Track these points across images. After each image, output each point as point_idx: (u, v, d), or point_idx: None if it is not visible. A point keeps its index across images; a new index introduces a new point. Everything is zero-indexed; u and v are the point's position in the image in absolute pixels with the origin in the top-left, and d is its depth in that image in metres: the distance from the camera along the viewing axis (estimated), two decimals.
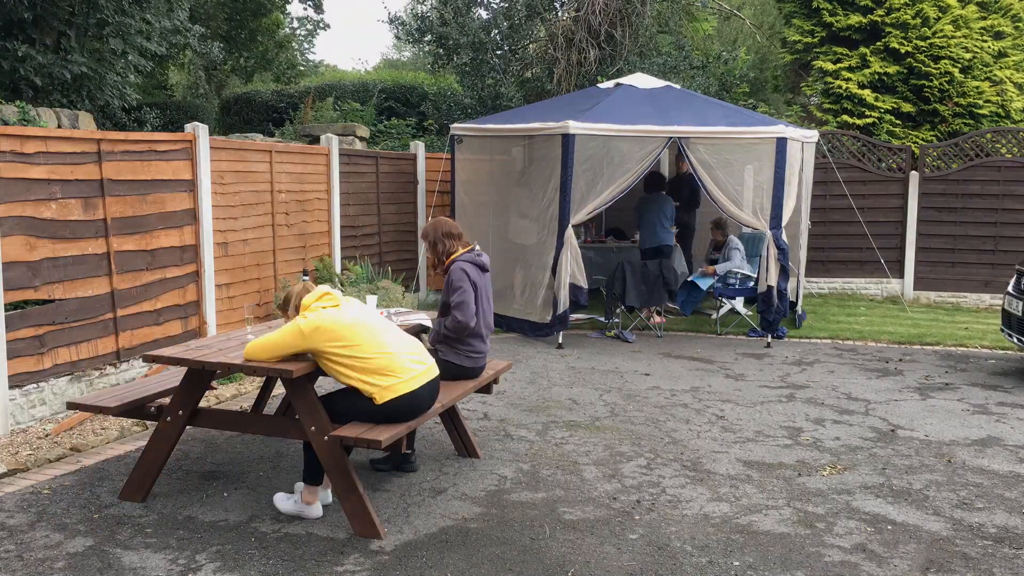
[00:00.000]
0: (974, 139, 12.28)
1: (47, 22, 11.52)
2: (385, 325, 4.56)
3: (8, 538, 4.27)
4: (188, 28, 14.51)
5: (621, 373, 7.91)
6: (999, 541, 4.43)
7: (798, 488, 5.11)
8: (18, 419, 5.91)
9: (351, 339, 4.31)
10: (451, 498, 4.86)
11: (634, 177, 8.96)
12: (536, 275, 9.38)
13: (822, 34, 14.63)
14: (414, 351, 4.57)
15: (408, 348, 4.55)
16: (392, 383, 4.36)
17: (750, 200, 9.31)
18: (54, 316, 6.17)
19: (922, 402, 7.09)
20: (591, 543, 4.31)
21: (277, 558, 4.09)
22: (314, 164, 9.43)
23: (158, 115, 15.98)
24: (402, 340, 4.57)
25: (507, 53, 14.57)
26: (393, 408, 4.38)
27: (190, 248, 7.51)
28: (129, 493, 4.74)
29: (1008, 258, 11.50)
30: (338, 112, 16.51)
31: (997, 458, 5.72)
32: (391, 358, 4.40)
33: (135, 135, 7.06)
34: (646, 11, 13.70)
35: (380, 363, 4.35)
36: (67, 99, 12.06)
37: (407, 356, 4.49)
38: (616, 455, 5.63)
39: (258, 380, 6.93)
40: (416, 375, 4.46)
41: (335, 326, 4.30)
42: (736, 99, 14.68)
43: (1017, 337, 7.85)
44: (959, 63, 13.71)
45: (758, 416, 6.60)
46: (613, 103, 9.49)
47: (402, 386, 4.39)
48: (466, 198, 10.33)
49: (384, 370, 4.35)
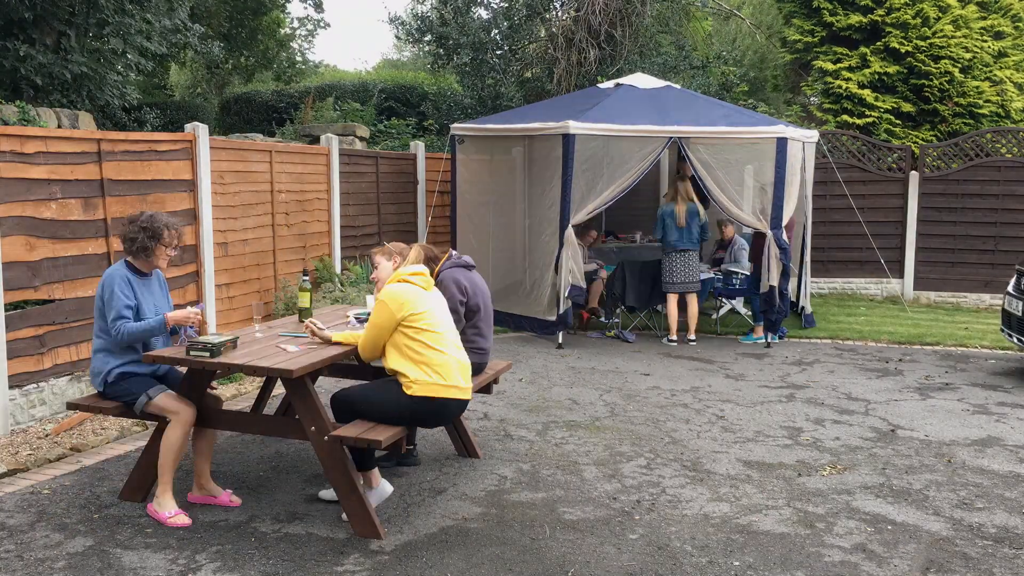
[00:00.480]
0: (974, 139, 12.28)
1: (47, 22, 11.52)
2: (453, 330, 4.65)
3: (8, 538, 4.27)
4: (188, 27, 14.49)
5: (621, 373, 7.91)
6: (999, 541, 4.43)
7: (798, 488, 5.11)
8: (18, 419, 5.91)
9: (421, 323, 4.39)
10: (451, 498, 4.86)
11: (634, 177, 8.96)
12: (539, 274, 9.39)
13: (822, 34, 14.62)
14: (464, 364, 4.60)
15: (463, 360, 4.60)
16: (435, 382, 4.39)
17: (750, 200, 9.31)
18: (54, 316, 6.17)
19: (922, 402, 7.09)
20: (591, 543, 4.31)
21: (277, 558, 4.09)
22: (314, 164, 9.43)
23: (158, 115, 15.98)
24: (460, 351, 4.62)
25: (507, 53, 14.58)
26: (421, 405, 4.40)
27: (190, 248, 7.51)
28: (129, 493, 4.74)
29: (1008, 258, 11.50)
30: (338, 112, 16.50)
31: (997, 458, 5.72)
32: (447, 360, 4.44)
33: (135, 135, 7.06)
34: (646, 11, 13.70)
35: (436, 359, 4.40)
36: (67, 99, 12.05)
37: (459, 368, 4.53)
38: (616, 455, 5.63)
39: (258, 380, 6.93)
40: (458, 388, 4.49)
41: (417, 299, 4.41)
42: (736, 99, 14.68)
43: (1017, 337, 7.85)
44: (959, 63, 13.70)
45: (758, 416, 6.60)
46: (613, 103, 9.49)
47: (442, 390, 4.41)
48: (466, 198, 10.33)
49: (436, 368, 4.39)
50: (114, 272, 4.59)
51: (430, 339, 4.41)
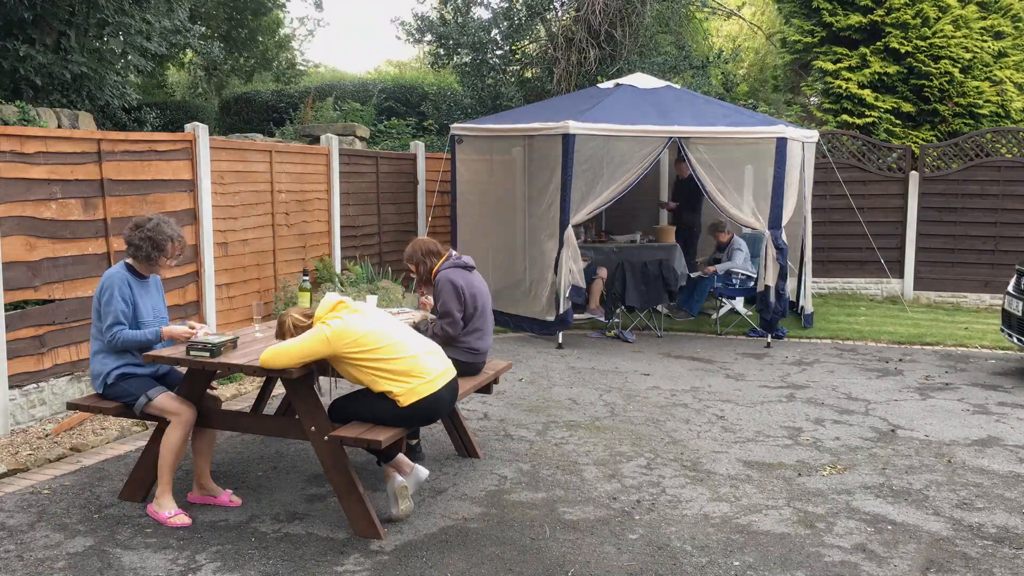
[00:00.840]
0: (974, 139, 12.28)
1: (47, 22, 11.52)
2: (402, 327, 4.56)
3: (8, 538, 4.27)
4: (188, 28, 14.50)
5: (621, 373, 7.91)
6: (999, 541, 4.43)
7: (798, 488, 5.11)
8: (18, 419, 5.91)
9: (375, 342, 4.30)
10: (451, 498, 4.86)
11: (634, 177, 8.96)
12: (539, 274, 9.39)
13: (822, 34, 14.62)
14: (432, 351, 4.57)
15: (428, 348, 4.55)
16: (416, 384, 4.35)
17: (750, 200, 9.31)
18: (54, 316, 6.17)
19: (922, 402, 7.09)
20: (591, 543, 4.31)
21: (277, 558, 4.09)
22: (314, 164, 9.43)
23: (158, 115, 15.97)
24: (421, 341, 4.57)
25: (507, 53, 14.58)
26: (417, 409, 4.38)
27: (190, 248, 7.50)
28: (129, 493, 4.74)
29: (1008, 258, 11.50)
30: (338, 112, 16.50)
31: (997, 458, 5.72)
32: (414, 360, 4.39)
33: (135, 135, 7.06)
34: (646, 11, 13.71)
35: (404, 365, 4.35)
36: (67, 99, 12.05)
37: (427, 356, 4.48)
38: (616, 455, 5.63)
39: (258, 380, 6.94)
40: (437, 375, 4.46)
41: (359, 330, 4.28)
42: (736, 99, 14.69)
43: (1017, 337, 7.85)
44: (959, 63, 13.70)
45: (758, 416, 6.60)
46: (613, 103, 9.49)
47: (425, 387, 4.38)
48: (466, 198, 10.33)
49: (408, 372, 4.35)
50: (113, 275, 4.59)
51: (387, 352, 4.31)
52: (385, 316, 4.54)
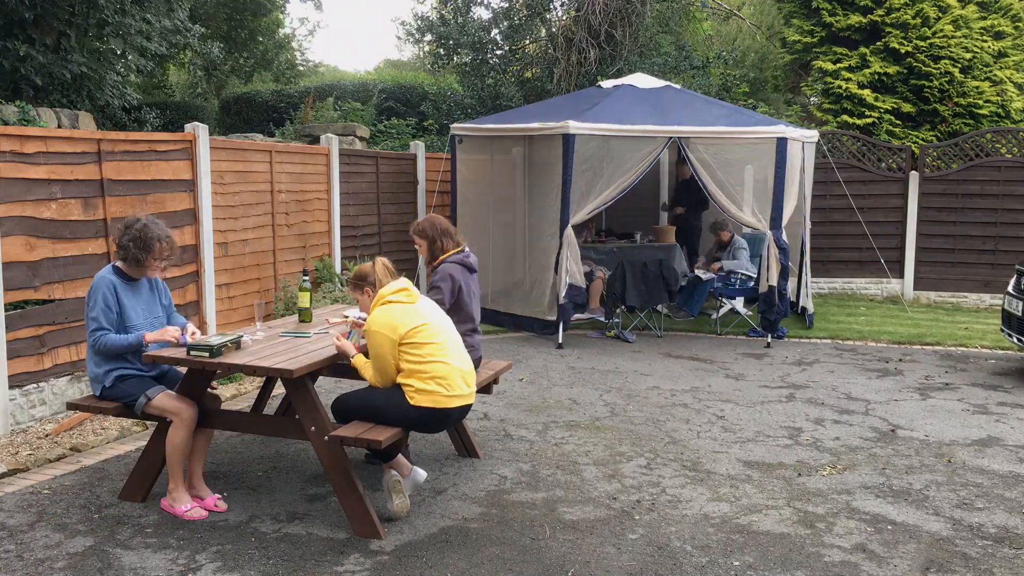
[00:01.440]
0: (974, 139, 12.28)
1: (47, 22, 11.52)
2: (454, 334, 4.56)
3: (8, 538, 4.27)
4: (188, 28, 14.51)
5: (621, 373, 7.91)
6: (999, 541, 4.43)
7: (798, 488, 5.11)
8: (18, 419, 5.91)
9: (420, 337, 4.32)
10: (451, 498, 4.86)
11: (634, 177, 8.96)
12: (539, 274, 9.38)
13: (822, 34, 14.63)
14: (467, 370, 4.53)
15: (466, 366, 4.53)
16: (439, 392, 4.34)
17: (750, 200, 9.31)
18: (54, 316, 6.17)
19: (922, 402, 7.09)
20: (591, 543, 4.31)
21: (277, 558, 4.09)
22: (314, 164, 9.43)
23: (158, 115, 15.98)
24: (463, 356, 4.55)
25: (507, 53, 14.58)
26: (422, 414, 4.36)
27: (190, 248, 7.51)
28: (129, 493, 4.74)
29: (1008, 258, 11.50)
30: (338, 112, 16.50)
31: (997, 458, 5.72)
32: (449, 371, 4.38)
33: (135, 135, 7.06)
34: (646, 11, 13.72)
35: (437, 370, 4.34)
36: (67, 99, 12.06)
37: (462, 375, 4.46)
38: (616, 455, 5.63)
39: (258, 380, 6.93)
40: (461, 396, 4.45)
41: (406, 317, 4.32)
42: (736, 99, 14.68)
43: (1017, 337, 7.85)
44: (959, 63, 13.71)
45: (758, 416, 6.60)
46: (613, 103, 9.49)
47: (445, 400, 4.37)
48: (466, 198, 10.33)
49: (438, 379, 4.34)
50: (100, 280, 4.57)
51: (431, 351, 4.35)
52: (440, 313, 4.57)
